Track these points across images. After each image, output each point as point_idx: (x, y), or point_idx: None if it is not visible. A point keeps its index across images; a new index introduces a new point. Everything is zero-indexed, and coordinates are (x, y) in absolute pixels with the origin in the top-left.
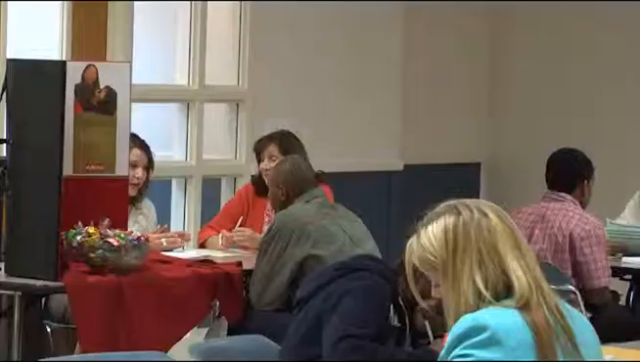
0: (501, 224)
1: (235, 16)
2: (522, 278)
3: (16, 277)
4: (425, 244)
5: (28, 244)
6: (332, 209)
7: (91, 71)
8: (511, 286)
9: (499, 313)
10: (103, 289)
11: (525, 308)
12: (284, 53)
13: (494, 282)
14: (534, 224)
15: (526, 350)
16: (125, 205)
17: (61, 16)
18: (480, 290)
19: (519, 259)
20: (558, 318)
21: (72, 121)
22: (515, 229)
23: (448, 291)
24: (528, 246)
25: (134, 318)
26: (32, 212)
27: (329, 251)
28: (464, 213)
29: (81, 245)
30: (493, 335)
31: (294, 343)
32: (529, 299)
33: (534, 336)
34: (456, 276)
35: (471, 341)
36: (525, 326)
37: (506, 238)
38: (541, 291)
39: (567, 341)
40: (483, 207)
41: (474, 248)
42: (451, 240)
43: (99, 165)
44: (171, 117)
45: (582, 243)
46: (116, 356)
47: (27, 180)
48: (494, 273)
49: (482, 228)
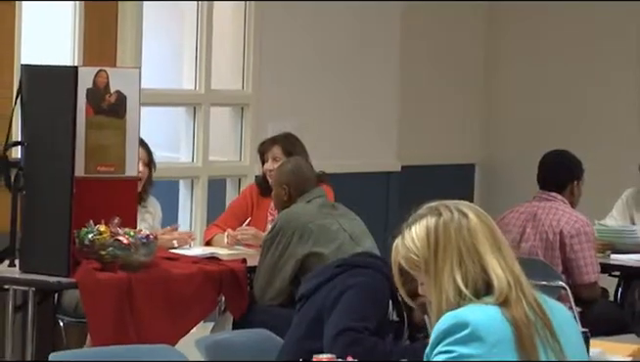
0: (480, 224)
1: (240, 23)
2: (500, 275)
3: (30, 273)
4: (408, 244)
5: (42, 241)
6: (332, 209)
7: (102, 77)
8: (490, 283)
9: (479, 310)
10: (113, 285)
11: (505, 304)
12: (286, 59)
13: (474, 279)
14: (526, 222)
15: (506, 345)
16: (135, 205)
17: (73, 22)
18: (460, 287)
19: (498, 257)
20: (537, 312)
21: (84, 124)
22: (494, 229)
23: (431, 288)
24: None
25: (143, 313)
26: (46, 211)
27: (329, 249)
28: (445, 214)
29: (93, 242)
30: (474, 331)
31: (296, 337)
32: (508, 296)
33: (514, 330)
34: (437, 274)
35: (453, 338)
36: (505, 321)
37: (485, 237)
38: (520, 286)
39: (546, 334)
40: (464, 208)
41: (454, 248)
42: (432, 240)
43: (109, 167)
44: (179, 120)
45: (572, 240)
46: (126, 349)
47: (41, 181)
48: (474, 271)
49: (462, 228)
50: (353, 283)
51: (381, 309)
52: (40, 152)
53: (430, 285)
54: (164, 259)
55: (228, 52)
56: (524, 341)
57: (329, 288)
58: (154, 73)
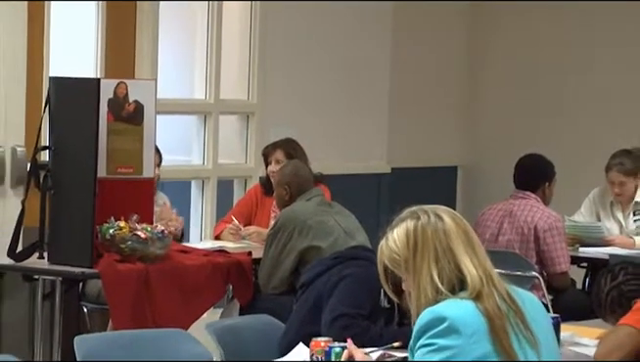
0: (455, 226)
1: (246, 41)
2: (473, 272)
3: (57, 265)
4: (391, 245)
5: (68, 236)
6: (329, 207)
7: (121, 88)
8: (464, 279)
9: (455, 305)
10: (132, 275)
11: (478, 298)
12: (287, 72)
13: (449, 276)
14: (503, 218)
15: (481, 336)
16: (151, 203)
17: (96, 37)
18: (437, 283)
19: (471, 256)
20: (508, 303)
21: (106, 130)
22: (468, 230)
23: (411, 284)
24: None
25: (159, 300)
26: (71, 209)
27: (326, 243)
28: (422, 218)
29: (113, 237)
30: (451, 324)
31: (297, 322)
32: (481, 290)
33: (487, 322)
34: (417, 271)
35: (432, 332)
36: (479, 314)
37: (459, 238)
38: (492, 281)
39: (517, 322)
40: (440, 212)
41: (431, 248)
42: (412, 241)
43: (128, 168)
44: (191, 127)
45: (545, 234)
46: (143, 333)
47: (67, 181)
48: (449, 269)
49: (438, 230)
50: (348, 273)
51: (373, 297)
52: (66, 155)
53: (410, 281)
54: (178, 252)
55: (235, 66)
56: (497, 331)
57: (326, 277)
58: (168, 84)
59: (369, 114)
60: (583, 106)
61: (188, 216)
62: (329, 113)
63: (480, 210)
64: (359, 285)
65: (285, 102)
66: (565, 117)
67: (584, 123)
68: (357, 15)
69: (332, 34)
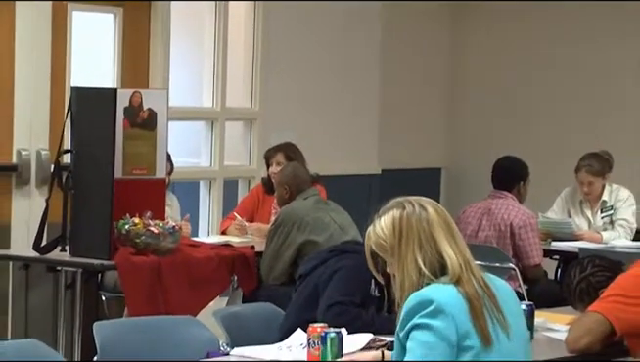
0: (437, 216)
1: (249, 53)
2: (453, 258)
3: (78, 257)
4: (378, 232)
5: (87, 231)
6: (325, 205)
7: (136, 96)
8: (445, 264)
9: (439, 289)
10: (145, 266)
11: (459, 283)
12: (286, 82)
13: (431, 262)
14: (483, 216)
15: (464, 316)
16: (163, 201)
17: (113, 50)
18: (420, 268)
19: (451, 243)
20: (484, 288)
21: (122, 136)
22: (449, 220)
23: (396, 268)
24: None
25: (170, 289)
26: (91, 207)
27: (322, 237)
28: (407, 208)
29: (129, 232)
30: (437, 306)
31: (295, 309)
32: (461, 275)
33: (467, 304)
34: (401, 256)
35: (422, 313)
36: (460, 297)
37: (440, 227)
38: (470, 268)
39: (491, 305)
40: (423, 203)
41: (415, 235)
42: (397, 228)
43: (142, 170)
44: (199, 132)
45: (520, 230)
46: (156, 319)
47: (87, 181)
48: (431, 254)
49: (422, 219)
50: (342, 265)
51: (364, 287)
52: (86, 158)
53: (395, 265)
54: (187, 246)
55: (239, 77)
56: (476, 312)
57: (322, 269)
58: (178, 93)
59: (361, 121)
60: (556, 111)
61: (197, 213)
62: (325, 120)
63: (462, 209)
64: (352, 276)
65: (284, 109)
66: (538, 123)
67: (556, 127)
68: (347, 33)
69: (325, 50)
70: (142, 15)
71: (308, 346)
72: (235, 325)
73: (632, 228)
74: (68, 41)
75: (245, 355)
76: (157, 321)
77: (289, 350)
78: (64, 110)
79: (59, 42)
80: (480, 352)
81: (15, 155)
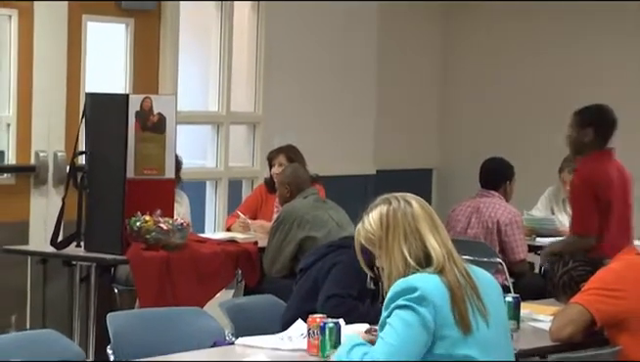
0: (421, 211)
1: (252, 61)
2: (437, 248)
3: (92, 252)
4: (367, 227)
5: (101, 228)
6: (323, 203)
7: (147, 102)
8: (429, 255)
9: (424, 278)
10: (155, 261)
11: (442, 272)
12: (287, 89)
13: (417, 253)
14: (471, 214)
15: (445, 305)
16: (172, 200)
17: (125, 58)
18: (406, 259)
19: (435, 236)
20: (466, 278)
21: (133, 138)
22: (432, 214)
23: (383, 259)
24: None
25: (179, 282)
26: (104, 205)
27: (321, 234)
28: (394, 203)
29: (140, 229)
30: (421, 294)
31: (296, 301)
32: (444, 265)
33: (449, 292)
34: (388, 248)
35: (406, 297)
36: (443, 286)
37: (425, 220)
38: (453, 258)
39: (472, 294)
40: (409, 199)
41: (401, 228)
42: (384, 222)
43: (152, 170)
44: (206, 135)
45: (506, 227)
46: (165, 310)
47: (101, 181)
48: (416, 246)
49: (407, 213)
50: (339, 260)
51: (360, 280)
52: (100, 159)
53: (383, 256)
54: (195, 241)
55: (243, 83)
56: (457, 301)
57: (321, 263)
58: (186, 99)
59: (357, 124)
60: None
61: (203, 211)
62: (323, 124)
63: (452, 207)
64: (349, 269)
65: (285, 114)
66: (524, 125)
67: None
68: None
69: (324, 58)
70: (152, 26)
71: (308, 336)
72: (239, 316)
73: None
74: (82, 50)
75: (248, 344)
76: (166, 312)
77: (290, 340)
78: (79, 114)
79: (74, 51)
80: (458, 341)
81: (33, 156)
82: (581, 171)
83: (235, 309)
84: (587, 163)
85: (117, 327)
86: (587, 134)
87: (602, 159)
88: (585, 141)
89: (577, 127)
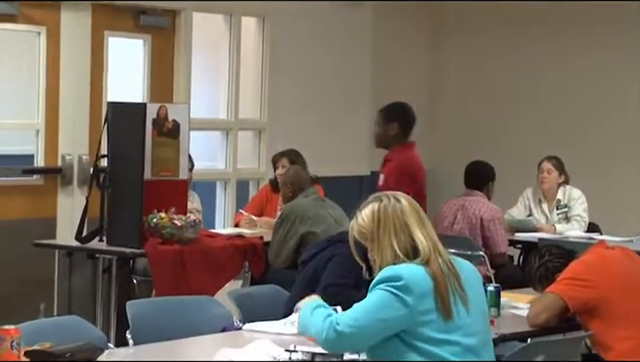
0: (409, 207)
1: (258, 73)
2: (423, 241)
3: (113, 246)
4: (360, 222)
5: (121, 224)
6: (322, 202)
7: (163, 110)
8: (417, 247)
9: (409, 268)
10: (170, 254)
11: (427, 264)
12: (290, 98)
13: (405, 246)
14: (457, 211)
15: (428, 295)
16: (185, 199)
17: (142, 69)
18: (396, 250)
19: (421, 230)
20: (449, 268)
21: (150, 143)
22: (419, 210)
23: (375, 252)
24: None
25: (191, 273)
26: (124, 203)
27: (321, 229)
28: (384, 200)
29: (156, 225)
30: (405, 283)
31: (298, 290)
32: (429, 257)
33: (433, 282)
34: (380, 242)
35: (391, 284)
36: (427, 276)
37: (412, 216)
38: (438, 250)
39: (455, 282)
40: (398, 196)
41: (391, 223)
42: (376, 217)
43: (168, 172)
44: (216, 140)
45: (489, 223)
46: (179, 299)
47: (121, 182)
48: (405, 240)
49: (397, 210)
50: (337, 252)
51: (356, 271)
52: (120, 161)
53: (375, 249)
54: (206, 236)
55: (250, 93)
56: (440, 289)
57: (321, 256)
58: (198, 107)
59: (353, 130)
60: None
61: (214, 209)
62: (322, 129)
63: (440, 205)
64: (346, 262)
65: (288, 121)
66: (505, 132)
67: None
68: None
69: (323, 70)
70: (167, 41)
71: None
72: (246, 303)
73: (585, 221)
74: (104, 63)
75: (255, 329)
76: (180, 300)
77: (292, 325)
78: (101, 121)
79: (97, 64)
80: (441, 326)
81: (60, 159)
82: (396, 161)
83: (242, 298)
84: (398, 154)
85: (136, 313)
86: (393, 128)
87: (410, 150)
88: (391, 135)
89: (384, 123)
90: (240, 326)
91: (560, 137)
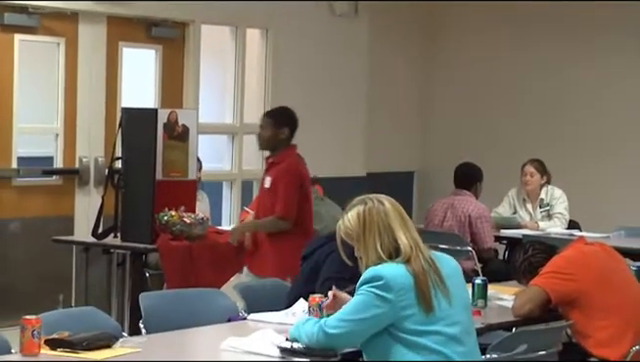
0: (392, 209)
1: (261, 82)
2: (405, 242)
3: (127, 242)
4: (346, 223)
5: (135, 221)
6: (322, 201)
7: (173, 115)
8: (399, 247)
9: (390, 267)
10: (180, 249)
11: (408, 262)
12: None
13: (388, 246)
14: (447, 209)
15: (408, 290)
16: (194, 198)
17: (154, 77)
18: (379, 253)
19: (404, 230)
20: (430, 264)
21: (161, 146)
22: (402, 212)
23: (361, 251)
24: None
25: (199, 267)
26: (137, 202)
27: (320, 226)
28: (369, 203)
29: (167, 222)
30: (385, 282)
31: (299, 283)
32: (411, 255)
33: (414, 278)
34: (365, 243)
35: (372, 284)
36: (407, 273)
37: (395, 218)
38: (419, 248)
39: (436, 278)
40: (382, 199)
41: (375, 226)
42: (361, 220)
43: (177, 173)
44: (223, 143)
45: (476, 221)
46: (188, 291)
47: (134, 182)
48: (388, 241)
49: (381, 212)
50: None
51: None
52: (134, 163)
53: (360, 249)
54: (213, 233)
55: (254, 100)
56: (420, 286)
57: (321, 251)
58: (206, 112)
59: (351, 134)
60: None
61: (220, 207)
62: (322, 134)
63: (431, 203)
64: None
65: None
66: (492, 136)
67: (505, 140)
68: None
69: (322, 79)
70: (177, 51)
71: (309, 312)
72: (251, 295)
73: (566, 219)
74: (119, 71)
75: (258, 319)
76: (189, 292)
77: (294, 315)
78: (116, 125)
79: (112, 72)
80: (423, 318)
81: (77, 161)
82: (286, 163)
83: (247, 290)
84: (286, 157)
85: (148, 305)
86: (283, 133)
87: (295, 153)
88: (281, 138)
89: (274, 127)
90: (245, 316)
91: (543, 140)
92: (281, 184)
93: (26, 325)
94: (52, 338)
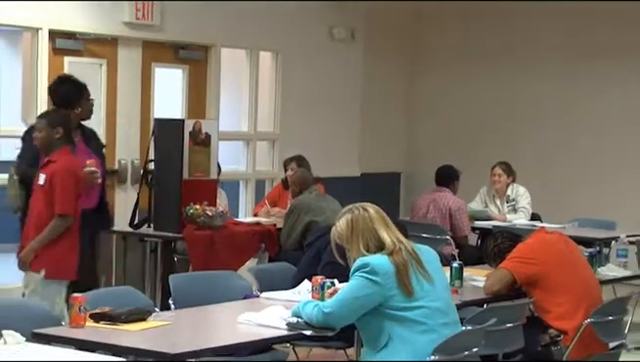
0: (376, 214)
1: (272, 95)
2: (387, 240)
3: (159, 231)
4: (338, 229)
5: (165, 214)
6: (323, 197)
7: (197, 124)
8: (383, 245)
9: (375, 257)
10: (203, 237)
11: (391, 254)
12: (297, 114)
13: (373, 248)
14: (430, 203)
15: (391, 276)
16: (214, 195)
17: (182, 94)
18: (365, 252)
19: (387, 232)
20: (411, 254)
21: (187, 150)
22: (384, 216)
23: (351, 253)
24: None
25: (220, 253)
26: (167, 198)
27: (321, 218)
28: (355, 211)
29: (192, 214)
30: (372, 267)
31: (303, 267)
32: (393, 249)
33: (394, 267)
34: (353, 246)
35: (361, 271)
36: (390, 262)
37: (379, 222)
38: (401, 243)
39: (417, 265)
40: (366, 207)
41: (361, 230)
42: (350, 226)
43: (201, 173)
44: (239, 148)
45: (455, 212)
46: (210, 273)
47: (164, 181)
48: (373, 243)
49: (366, 218)
50: None
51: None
52: (164, 165)
53: (351, 250)
54: (231, 224)
55: (266, 111)
56: (401, 274)
57: (322, 240)
58: (225, 121)
59: (347, 140)
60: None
61: (237, 203)
62: (322, 140)
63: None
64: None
65: (296, 133)
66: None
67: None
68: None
69: (323, 93)
70: (201, 71)
71: (312, 291)
72: (263, 276)
73: (529, 212)
74: (151, 87)
75: (270, 297)
76: (211, 274)
77: (299, 294)
78: (149, 133)
79: (146, 88)
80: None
81: (117, 163)
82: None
83: (260, 272)
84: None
85: (176, 285)
86: (58, 132)
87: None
88: (56, 138)
89: (49, 128)
90: (258, 294)
91: (510, 146)
92: (56, 183)
93: (74, 302)
94: (95, 312)
